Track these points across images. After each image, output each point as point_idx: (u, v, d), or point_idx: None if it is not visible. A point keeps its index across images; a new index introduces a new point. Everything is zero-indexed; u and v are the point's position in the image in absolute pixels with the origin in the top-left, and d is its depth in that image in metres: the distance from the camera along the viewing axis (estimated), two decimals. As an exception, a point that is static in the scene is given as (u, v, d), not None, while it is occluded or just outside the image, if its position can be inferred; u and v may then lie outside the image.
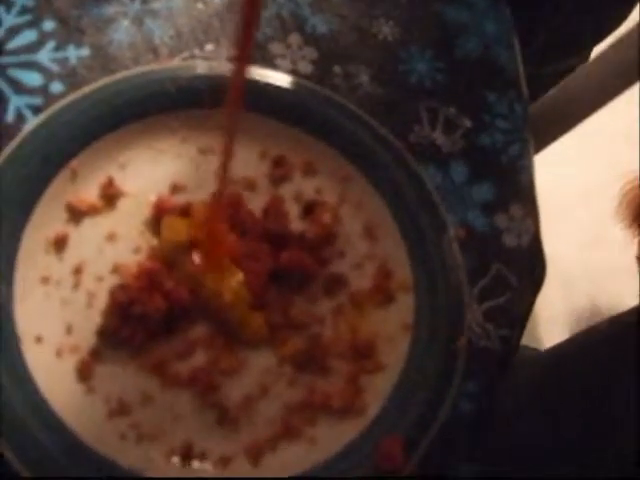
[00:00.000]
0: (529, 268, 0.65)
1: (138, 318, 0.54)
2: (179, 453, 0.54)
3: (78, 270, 0.56)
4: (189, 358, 0.56)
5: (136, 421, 0.54)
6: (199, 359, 0.56)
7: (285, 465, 0.54)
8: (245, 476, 0.54)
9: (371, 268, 0.60)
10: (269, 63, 0.65)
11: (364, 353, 0.57)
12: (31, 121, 0.59)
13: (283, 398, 0.56)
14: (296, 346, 0.57)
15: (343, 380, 0.57)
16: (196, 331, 0.56)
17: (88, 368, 0.55)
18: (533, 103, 0.85)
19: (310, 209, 0.60)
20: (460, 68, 0.70)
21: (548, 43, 0.93)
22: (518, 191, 0.67)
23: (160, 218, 0.57)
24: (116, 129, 0.59)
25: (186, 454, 0.54)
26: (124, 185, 0.59)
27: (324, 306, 0.58)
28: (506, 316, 0.63)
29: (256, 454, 0.54)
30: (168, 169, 0.60)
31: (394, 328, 0.58)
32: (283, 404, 0.56)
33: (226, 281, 0.55)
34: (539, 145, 1.11)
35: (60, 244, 0.57)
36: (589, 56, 1.06)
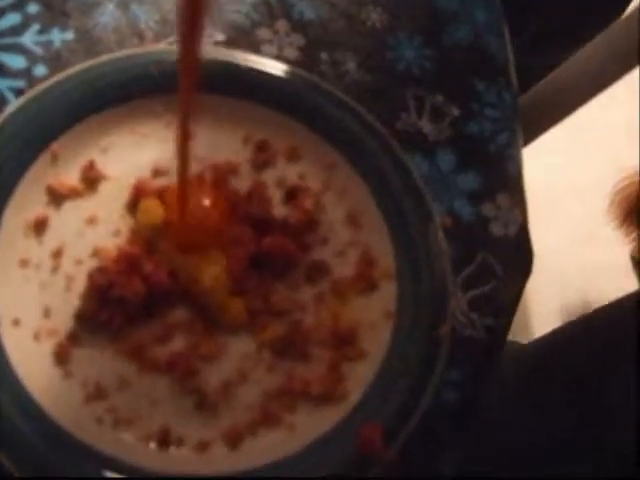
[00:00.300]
0: (515, 258, 0.65)
1: (116, 301, 0.54)
2: (156, 438, 0.53)
3: (57, 253, 0.56)
4: (168, 343, 0.55)
5: (113, 406, 0.54)
6: (178, 344, 0.55)
7: (264, 451, 0.54)
8: (223, 462, 0.53)
9: (354, 255, 0.59)
10: (255, 49, 0.64)
11: (345, 340, 0.57)
12: (12, 103, 0.58)
13: (262, 384, 0.55)
14: (276, 332, 0.56)
15: (324, 367, 0.56)
16: (175, 316, 0.56)
17: (66, 352, 0.54)
18: (524, 93, 0.84)
19: (293, 195, 0.59)
20: (449, 56, 0.69)
21: (539, 33, 0.93)
22: (506, 180, 0.66)
23: (139, 201, 0.57)
24: (99, 112, 0.58)
25: (163, 439, 0.54)
26: (106, 169, 0.58)
27: (306, 293, 0.58)
28: (491, 305, 0.62)
29: (234, 440, 0.54)
30: (150, 153, 0.59)
31: (376, 316, 0.58)
32: (262, 390, 0.55)
33: (206, 266, 0.55)
34: (530, 135, 1.11)
35: (40, 227, 0.56)
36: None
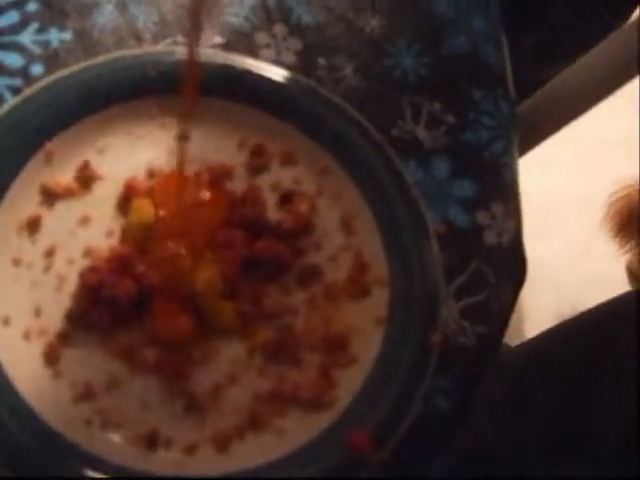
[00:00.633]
0: (509, 266, 0.65)
1: (107, 302, 0.54)
2: (145, 440, 0.53)
3: (50, 253, 0.56)
4: (158, 344, 0.55)
5: (102, 407, 0.54)
6: (168, 346, 0.55)
7: (252, 455, 0.54)
8: (211, 464, 0.53)
9: (347, 260, 0.59)
10: (253, 53, 0.64)
11: (336, 346, 0.57)
12: (8, 102, 0.58)
13: (252, 388, 0.55)
14: (267, 336, 0.56)
15: (314, 372, 0.56)
16: (166, 317, 0.56)
17: (55, 352, 0.54)
18: (521, 102, 0.84)
19: (287, 199, 0.59)
20: (446, 64, 0.69)
21: (539, 46, 0.93)
22: (500, 189, 0.66)
23: (132, 201, 0.57)
24: (95, 113, 0.58)
25: (152, 441, 0.54)
26: (100, 169, 0.58)
27: (297, 297, 0.58)
28: (483, 313, 0.62)
29: (223, 443, 0.54)
30: (146, 155, 0.59)
31: (368, 322, 0.58)
32: (252, 394, 0.55)
33: (199, 268, 0.55)
34: (527, 145, 1.11)
35: (33, 226, 0.56)
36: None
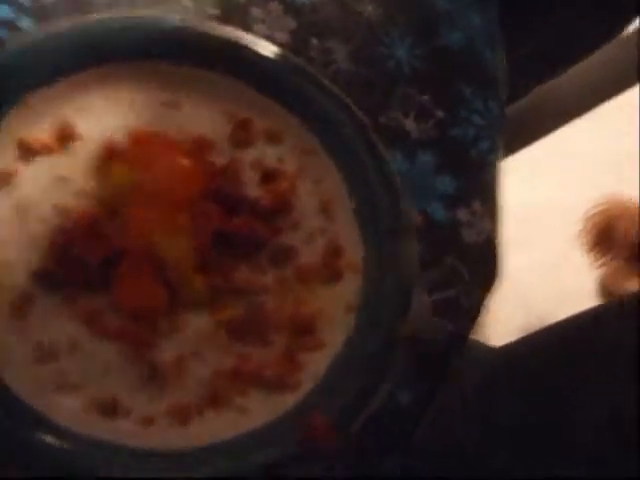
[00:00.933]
0: (483, 266, 0.65)
1: (74, 262, 0.53)
2: (103, 407, 0.52)
3: (22, 209, 0.55)
4: (124, 311, 0.54)
5: (62, 369, 0.53)
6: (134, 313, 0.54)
7: (210, 431, 0.53)
8: (169, 437, 0.52)
9: (322, 244, 0.59)
10: (247, 27, 0.64)
11: (305, 328, 0.56)
12: (-7, 52, 0.57)
13: (216, 364, 0.55)
14: (235, 313, 0.55)
15: (279, 353, 0.56)
16: (135, 285, 0.55)
17: (21, 309, 0.53)
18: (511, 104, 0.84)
19: (269, 177, 0.58)
20: (440, 58, 0.69)
21: (536, 51, 0.92)
22: (482, 188, 0.66)
23: (109, 162, 0.56)
24: (80, 71, 0.57)
25: (110, 409, 0.53)
26: (81, 129, 0.57)
27: (270, 276, 0.57)
28: (454, 310, 0.62)
29: (182, 417, 0.53)
30: (128, 119, 0.58)
31: (338, 307, 0.57)
32: (216, 370, 0.54)
33: (173, 238, 0.54)
34: (512, 148, 1.11)
35: (7, 180, 0.55)
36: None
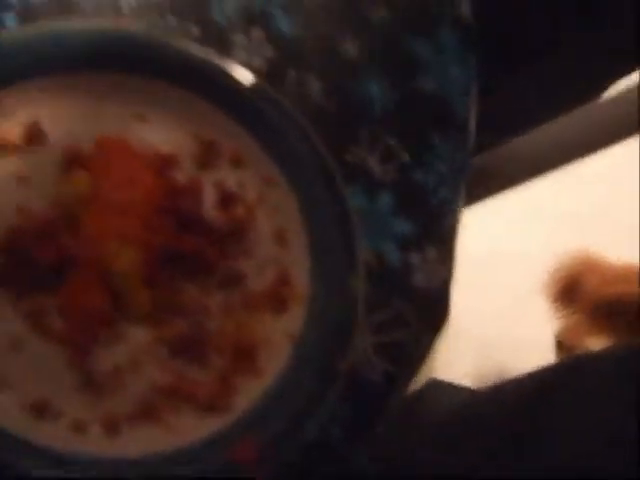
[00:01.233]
0: (431, 312, 0.65)
1: (26, 261, 0.53)
2: (33, 407, 0.53)
3: (-21, 204, 0.55)
4: (68, 315, 0.55)
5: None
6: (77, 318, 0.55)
7: (138, 444, 0.54)
8: (96, 445, 0.53)
9: (272, 272, 0.59)
10: (226, 50, 0.64)
11: (244, 354, 0.57)
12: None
13: (152, 378, 0.55)
14: (177, 330, 0.56)
15: (216, 375, 0.56)
16: (81, 291, 0.55)
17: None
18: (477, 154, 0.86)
19: (227, 201, 0.59)
20: (413, 102, 0.70)
21: (508, 105, 0.94)
22: (439, 234, 0.67)
23: (72, 168, 0.56)
24: (56, 74, 0.58)
25: (40, 409, 0.53)
26: (49, 131, 0.58)
27: (216, 299, 0.58)
28: (396, 354, 0.63)
29: (112, 427, 0.54)
30: (97, 127, 0.59)
31: (280, 337, 0.58)
32: (151, 384, 0.55)
33: (124, 249, 0.55)
34: (475, 197, 1.12)
35: (-32, 173, 0.56)
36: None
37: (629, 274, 1.38)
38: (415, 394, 0.65)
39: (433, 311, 0.66)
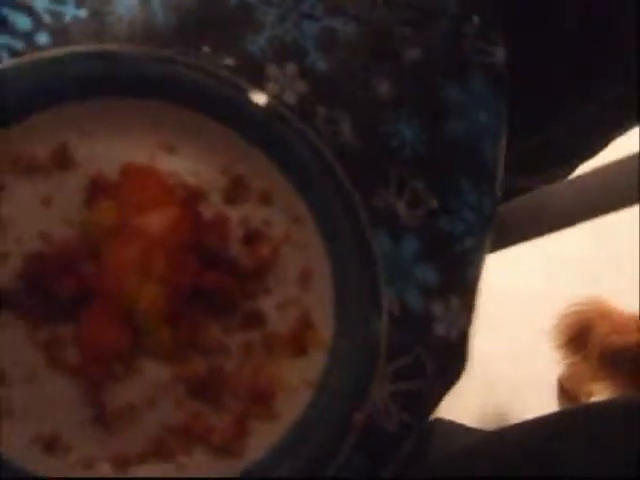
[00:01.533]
0: (449, 362, 0.64)
1: (44, 292, 0.52)
2: (44, 441, 0.52)
3: (1, 225, 0.54)
4: (83, 348, 0.53)
5: (11, 395, 0.52)
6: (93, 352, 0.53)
7: (147, 484, 0.52)
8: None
9: (294, 315, 0.58)
10: (259, 83, 0.63)
11: (261, 398, 0.56)
12: (6, 62, 0.57)
13: (166, 417, 0.54)
14: (195, 369, 0.55)
15: (231, 418, 0.55)
16: (100, 324, 0.54)
17: (-22, 327, 0.52)
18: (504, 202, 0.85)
19: (252, 238, 0.58)
20: (442, 147, 0.69)
21: (535, 153, 0.93)
22: (462, 284, 0.66)
23: (97, 196, 0.55)
24: (90, 99, 0.57)
25: (51, 443, 0.52)
26: (78, 155, 0.57)
27: (236, 339, 0.56)
28: (412, 402, 0.61)
29: (122, 465, 0.53)
30: (126, 154, 0.58)
31: (298, 382, 0.57)
32: (164, 423, 0.54)
33: (146, 284, 0.53)
34: (497, 246, 1.11)
35: (-7, 193, 0.54)
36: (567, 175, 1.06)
37: (639, 324, 1.37)
38: (422, 433, 0.63)
39: (451, 361, 0.64)
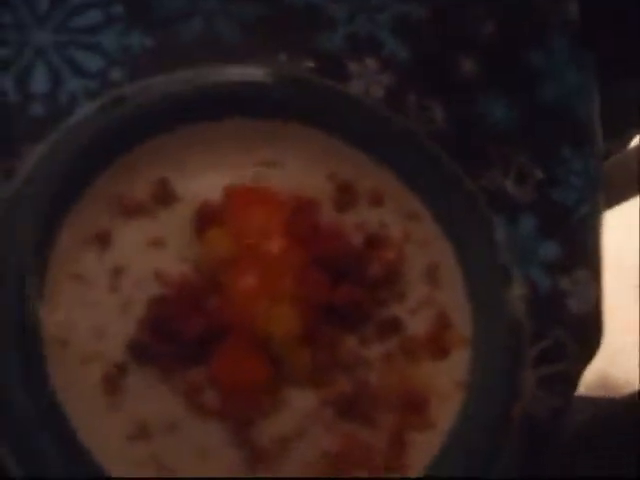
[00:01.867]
0: (587, 337, 0.61)
1: (171, 336, 0.49)
2: (199, 492, 0.49)
3: (116, 272, 0.52)
4: (223, 389, 0.50)
5: (156, 449, 0.49)
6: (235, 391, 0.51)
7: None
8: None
9: (429, 315, 0.55)
10: (344, 82, 0.60)
11: (414, 407, 0.52)
12: (84, 107, 0.54)
13: (321, 445, 0.51)
14: (341, 389, 0.52)
15: (387, 433, 0.52)
16: (234, 359, 0.51)
17: (114, 382, 0.49)
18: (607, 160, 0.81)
19: (373, 243, 0.55)
20: (536, 115, 0.66)
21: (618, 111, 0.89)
22: (585, 254, 0.63)
23: (206, 225, 0.52)
24: (178, 128, 0.54)
25: (207, 494, 0.49)
26: (178, 188, 0.54)
27: (375, 350, 0.53)
28: (559, 385, 0.58)
29: (285, 503, 0.49)
30: (226, 178, 0.55)
31: (447, 384, 0.53)
32: (320, 451, 0.51)
33: (277, 309, 0.50)
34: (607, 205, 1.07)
35: (101, 242, 0.52)
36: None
37: None
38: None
39: (588, 336, 0.61)
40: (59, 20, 0.57)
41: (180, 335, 0.49)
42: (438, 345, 0.54)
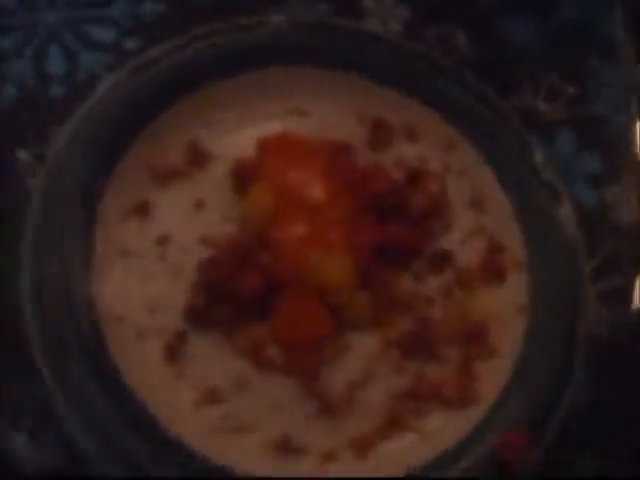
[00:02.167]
0: (638, 247, 0.59)
1: (230, 297, 0.49)
2: (276, 447, 0.48)
3: (162, 241, 0.51)
4: (286, 343, 0.50)
5: (228, 411, 0.49)
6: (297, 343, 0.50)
7: (393, 459, 0.49)
8: (351, 472, 0.48)
9: (480, 243, 0.54)
10: (359, 20, 0.59)
11: (476, 337, 0.52)
12: (106, 80, 0.53)
13: (389, 386, 0.50)
14: (403, 328, 0.51)
15: (454, 367, 0.51)
16: (293, 312, 0.50)
17: (174, 352, 0.49)
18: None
19: (415, 178, 0.54)
20: (560, 33, 0.64)
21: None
22: (625, 164, 0.61)
23: (245, 181, 0.51)
24: (201, 88, 0.53)
25: (284, 447, 0.48)
26: (210, 147, 0.53)
27: (431, 285, 0.53)
28: (618, 299, 0.57)
29: (362, 448, 0.49)
30: (256, 131, 0.54)
31: (507, 309, 0.53)
32: (389, 393, 0.50)
33: (329, 256, 0.49)
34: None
35: (142, 212, 0.51)
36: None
37: None
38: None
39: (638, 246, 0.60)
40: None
41: (237, 295, 0.49)
42: (493, 271, 0.53)
